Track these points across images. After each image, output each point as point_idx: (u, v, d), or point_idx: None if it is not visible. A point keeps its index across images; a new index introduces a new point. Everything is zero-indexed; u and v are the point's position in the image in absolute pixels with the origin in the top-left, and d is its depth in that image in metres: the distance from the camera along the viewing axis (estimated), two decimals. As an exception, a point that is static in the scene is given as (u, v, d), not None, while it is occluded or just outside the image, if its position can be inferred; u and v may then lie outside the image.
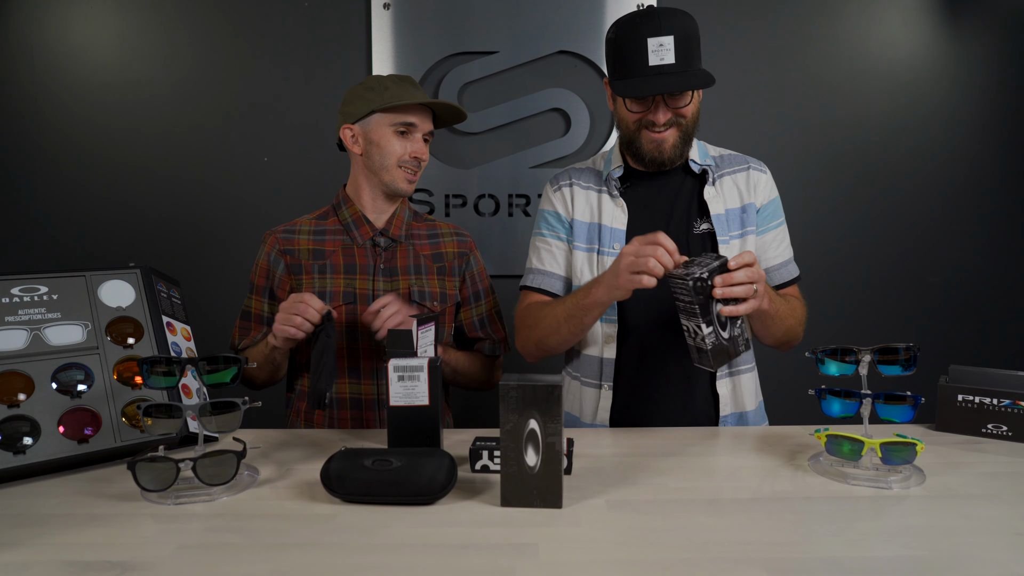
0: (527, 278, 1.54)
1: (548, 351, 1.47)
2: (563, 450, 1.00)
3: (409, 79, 1.56)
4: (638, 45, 1.31)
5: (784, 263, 1.50)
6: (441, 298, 1.56)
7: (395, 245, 1.57)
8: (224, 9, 2.31)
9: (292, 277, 1.54)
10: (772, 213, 1.49)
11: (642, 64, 1.31)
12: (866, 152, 2.45)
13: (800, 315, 1.45)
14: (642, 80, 1.32)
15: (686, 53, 1.31)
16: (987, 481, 1.09)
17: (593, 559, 0.85)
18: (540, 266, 1.52)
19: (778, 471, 1.14)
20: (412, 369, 1.15)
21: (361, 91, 1.52)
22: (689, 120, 1.40)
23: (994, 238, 2.50)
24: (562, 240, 1.51)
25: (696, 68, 1.33)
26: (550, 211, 1.54)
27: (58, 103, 2.31)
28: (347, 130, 1.53)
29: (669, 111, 1.37)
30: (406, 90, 1.51)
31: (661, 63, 1.30)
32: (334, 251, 1.54)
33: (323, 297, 1.50)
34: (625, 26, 1.34)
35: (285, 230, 1.58)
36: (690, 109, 1.39)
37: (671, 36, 1.30)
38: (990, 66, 2.43)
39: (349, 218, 1.56)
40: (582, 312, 1.35)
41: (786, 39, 2.40)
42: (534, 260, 1.54)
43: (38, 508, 1.01)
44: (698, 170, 1.47)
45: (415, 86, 1.55)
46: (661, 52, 1.30)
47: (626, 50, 1.33)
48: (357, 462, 1.02)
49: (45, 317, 1.22)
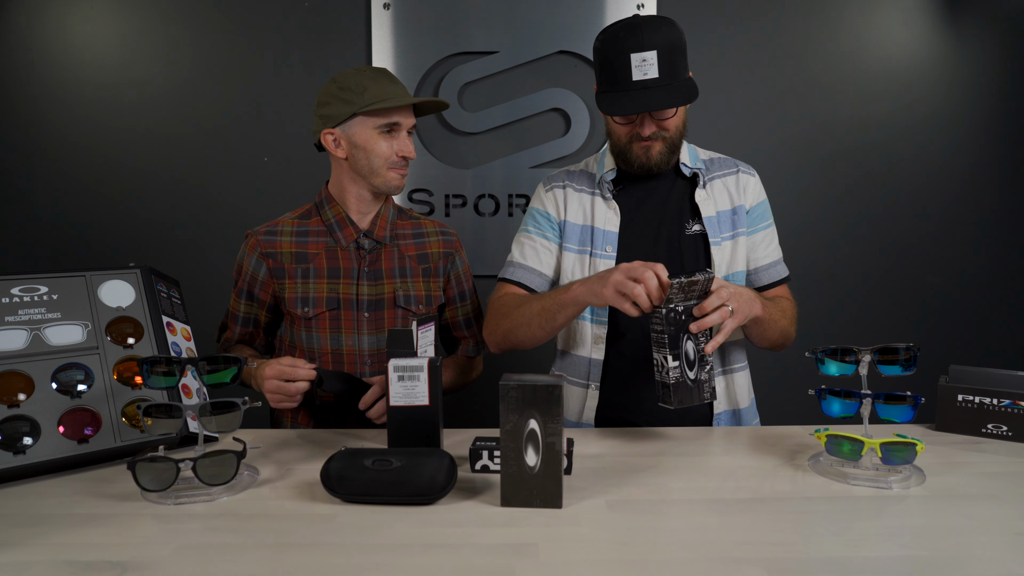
0: (506, 270, 1.53)
1: (514, 344, 1.45)
2: (563, 450, 1.00)
3: (384, 73, 1.48)
4: (622, 61, 1.31)
5: (773, 263, 1.52)
6: (426, 301, 1.55)
7: (380, 247, 1.53)
8: (224, 9, 2.31)
9: (275, 280, 1.51)
10: (761, 215, 1.51)
11: (626, 79, 1.32)
12: (866, 152, 2.44)
13: (791, 315, 1.47)
14: (626, 95, 1.32)
15: (671, 66, 1.31)
16: (987, 481, 1.09)
17: (593, 559, 0.86)
18: (521, 260, 1.52)
19: (778, 471, 1.14)
20: (412, 369, 1.15)
21: (336, 91, 1.45)
22: (673, 132, 1.41)
23: (994, 238, 2.50)
24: (548, 240, 1.52)
25: (681, 81, 1.34)
26: (540, 210, 1.54)
27: (58, 103, 2.31)
28: (328, 135, 1.47)
29: (654, 124, 1.38)
30: (385, 88, 1.45)
31: (645, 78, 1.31)
32: (317, 254, 1.51)
33: (307, 303, 1.48)
34: (609, 39, 1.35)
35: (267, 231, 1.54)
36: (673, 122, 1.40)
37: (654, 51, 1.30)
38: (990, 66, 2.43)
39: (332, 219, 1.52)
40: (557, 307, 1.35)
41: (784, 39, 2.39)
42: (516, 254, 1.53)
43: (38, 508, 1.01)
44: (689, 173, 1.49)
45: (392, 80, 1.48)
46: (644, 67, 1.30)
47: (610, 64, 1.34)
48: (357, 462, 1.02)
49: (45, 317, 1.22)
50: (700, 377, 1.23)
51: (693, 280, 1.18)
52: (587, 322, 1.48)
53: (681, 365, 1.20)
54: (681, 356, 1.20)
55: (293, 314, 1.50)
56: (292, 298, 1.49)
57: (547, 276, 1.52)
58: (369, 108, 1.42)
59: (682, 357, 1.20)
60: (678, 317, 1.19)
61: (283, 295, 1.51)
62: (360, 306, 1.49)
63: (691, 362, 1.21)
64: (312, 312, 1.48)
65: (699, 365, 1.22)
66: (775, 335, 1.42)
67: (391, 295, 1.52)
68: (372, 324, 1.50)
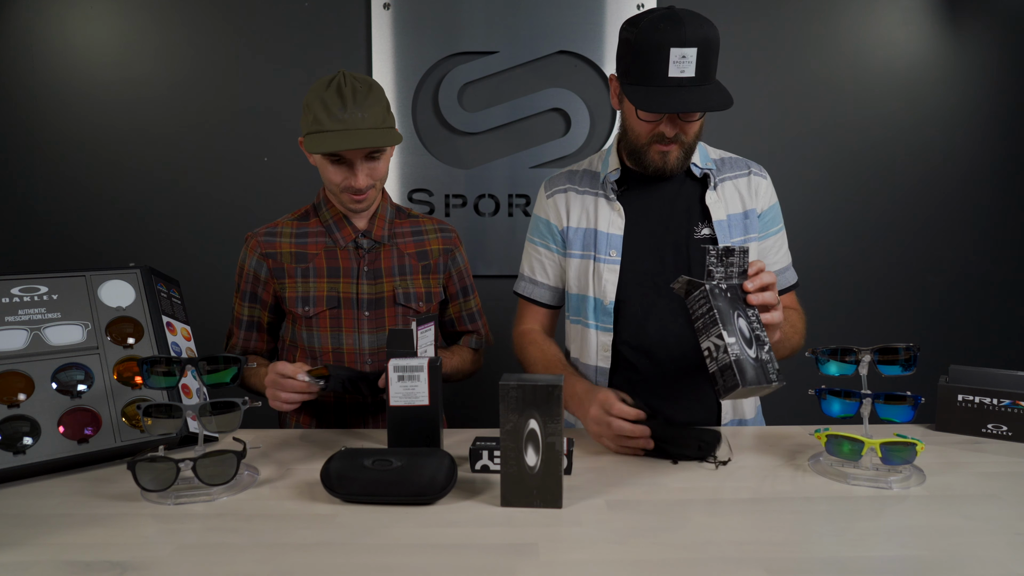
0: (519, 284, 1.57)
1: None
2: (563, 450, 1.00)
3: (343, 93, 1.34)
4: (660, 54, 1.23)
5: (782, 269, 1.48)
6: (426, 298, 1.55)
7: (378, 246, 1.53)
8: (224, 9, 2.31)
9: (275, 281, 1.52)
10: (772, 219, 1.47)
11: (661, 74, 1.24)
12: (866, 152, 2.45)
13: (801, 329, 1.43)
14: (660, 91, 1.25)
15: (706, 66, 1.25)
16: (987, 481, 1.09)
17: (593, 559, 0.86)
18: (531, 275, 1.54)
19: (778, 471, 1.14)
20: (412, 369, 1.15)
21: (305, 105, 1.39)
22: (691, 138, 1.36)
23: (994, 238, 2.50)
24: (551, 251, 1.51)
25: (712, 82, 1.28)
26: (542, 219, 1.53)
27: (58, 103, 2.31)
28: (302, 143, 1.42)
29: (679, 125, 1.32)
30: (329, 116, 1.33)
31: (681, 75, 1.23)
32: (316, 254, 1.51)
33: (307, 302, 1.49)
34: (647, 29, 1.24)
35: (267, 232, 1.54)
36: (695, 127, 1.34)
37: (695, 48, 1.22)
38: (990, 66, 2.43)
39: (330, 219, 1.52)
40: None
41: (786, 40, 2.39)
42: (525, 268, 1.56)
43: (38, 508, 1.01)
44: (699, 174, 1.43)
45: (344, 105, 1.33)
46: (683, 64, 1.23)
47: (646, 55, 1.25)
48: (357, 462, 1.02)
49: (45, 317, 1.22)
50: (761, 356, 1.09)
51: (729, 248, 1.12)
52: (593, 330, 1.45)
53: (739, 341, 1.08)
54: (737, 333, 1.08)
55: (294, 313, 1.51)
56: (292, 297, 1.49)
57: (555, 288, 1.53)
58: (307, 138, 1.37)
59: (738, 334, 1.08)
60: (724, 293, 1.10)
61: (284, 294, 1.51)
62: (360, 305, 1.50)
63: (748, 340, 1.09)
64: (312, 311, 1.49)
65: (757, 345, 1.10)
66: (785, 353, 1.39)
67: (391, 293, 1.52)
68: (372, 323, 1.50)
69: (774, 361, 1.11)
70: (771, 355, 1.11)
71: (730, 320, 1.09)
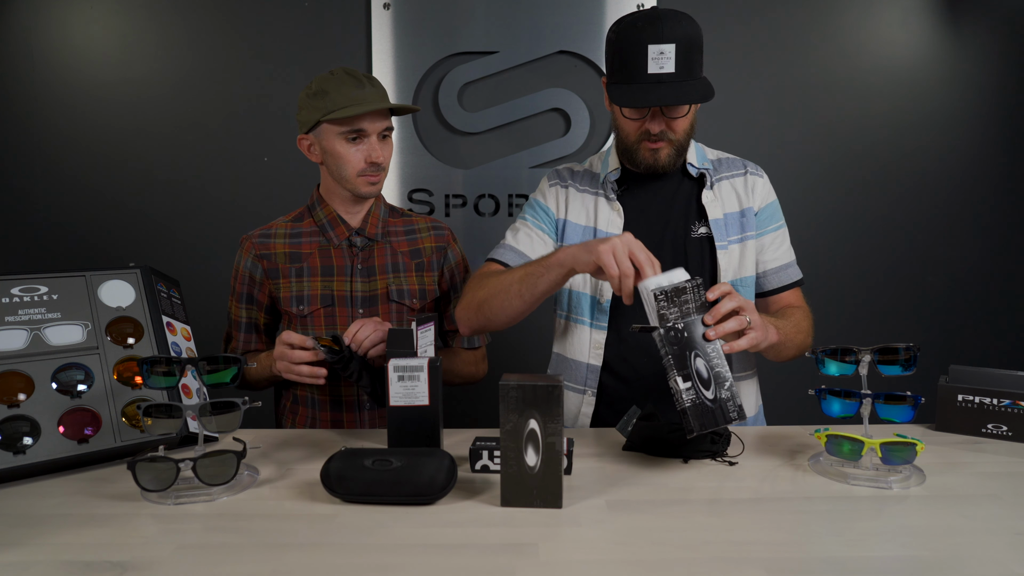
0: (495, 251, 1.47)
1: (487, 317, 1.35)
2: (563, 450, 1.00)
3: (354, 75, 1.46)
4: (638, 51, 1.26)
5: (784, 266, 1.48)
6: (420, 295, 1.55)
7: (372, 244, 1.54)
8: (224, 9, 2.31)
9: (270, 281, 1.53)
10: (770, 216, 1.47)
11: (640, 71, 1.27)
12: (865, 152, 2.45)
13: (806, 327, 1.41)
14: (639, 87, 1.28)
15: (687, 62, 1.27)
16: (987, 481, 1.09)
17: (593, 559, 0.86)
18: (513, 244, 1.46)
19: (778, 471, 1.14)
20: (412, 369, 1.15)
21: (307, 98, 1.47)
22: (681, 135, 1.36)
23: (994, 238, 2.50)
24: (543, 231, 1.48)
25: (696, 78, 1.29)
26: (540, 202, 1.51)
27: (58, 103, 2.31)
28: (303, 140, 1.50)
29: (664, 122, 1.33)
30: (349, 93, 1.43)
31: (660, 71, 1.26)
32: (310, 253, 1.53)
33: (301, 301, 1.49)
34: (626, 28, 1.29)
35: (261, 234, 1.56)
36: (682, 124, 1.35)
37: (672, 44, 1.25)
38: (990, 66, 2.43)
39: (324, 219, 1.54)
40: (542, 270, 1.26)
41: (785, 39, 2.40)
42: (508, 237, 1.48)
43: (38, 508, 1.01)
44: (696, 173, 1.44)
45: (359, 84, 1.45)
46: (661, 60, 1.25)
47: (625, 54, 1.29)
48: (357, 462, 1.02)
49: (45, 317, 1.22)
50: (720, 396, 1.09)
51: (678, 288, 1.10)
52: (586, 327, 1.45)
53: (695, 385, 1.08)
54: (692, 376, 1.08)
55: (289, 312, 1.52)
56: (287, 296, 1.50)
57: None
58: (330, 117, 1.42)
59: (693, 377, 1.08)
60: (679, 335, 1.09)
61: (278, 294, 1.52)
62: (354, 302, 1.51)
63: (705, 381, 1.09)
64: (307, 310, 1.49)
65: (716, 383, 1.09)
66: (792, 352, 1.37)
67: (384, 290, 1.53)
68: None
69: (735, 397, 1.10)
70: (732, 391, 1.10)
71: (684, 364, 1.08)
